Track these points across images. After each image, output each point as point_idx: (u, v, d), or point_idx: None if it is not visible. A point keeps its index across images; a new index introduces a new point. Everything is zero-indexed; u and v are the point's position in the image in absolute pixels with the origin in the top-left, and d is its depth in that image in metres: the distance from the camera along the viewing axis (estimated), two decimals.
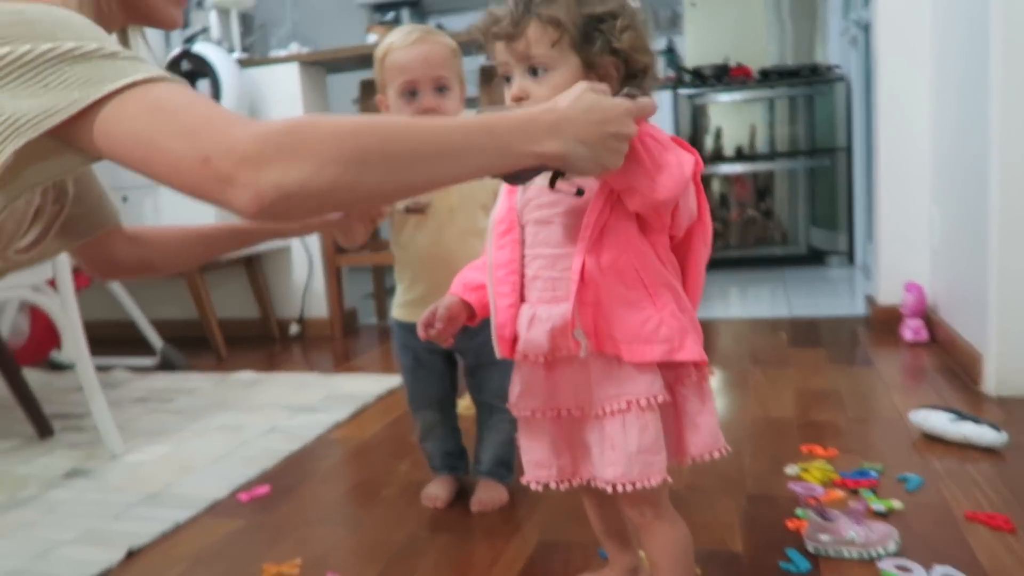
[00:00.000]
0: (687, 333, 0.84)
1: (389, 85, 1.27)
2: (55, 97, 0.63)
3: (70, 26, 0.66)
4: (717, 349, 2.45)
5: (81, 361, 1.80)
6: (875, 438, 1.61)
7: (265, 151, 0.60)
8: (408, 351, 1.41)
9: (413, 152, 0.66)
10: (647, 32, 0.87)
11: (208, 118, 0.62)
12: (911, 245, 2.47)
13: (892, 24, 2.41)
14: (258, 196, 0.60)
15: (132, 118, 0.63)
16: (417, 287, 1.36)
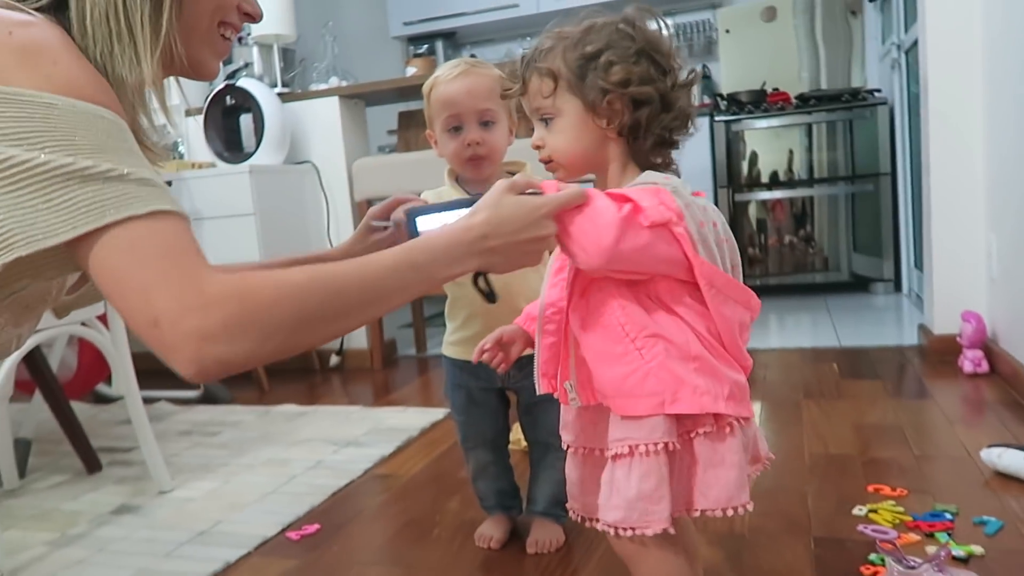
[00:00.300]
0: (682, 385, 0.81)
1: (436, 120, 1.26)
2: (54, 217, 0.65)
3: (91, 130, 0.67)
4: (765, 380, 2.39)
5: (131, 396, 1.80)
6: (945, 477, 1.54)
7: (211, 328, 0.65)
8: (461, 389, 1.37)
9: (348, 306, 0.72)
10: (662, 57, 0.85)
11: (168, 275, 0.65)
12: (967, 273, 2.40)
13: (941, 45, 2.37)
14: (201, 369, 0.66)
15: (109, 256, 0.66)
16: (473, 324, 1.31)
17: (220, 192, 2.77)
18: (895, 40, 3.52)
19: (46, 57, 0.69)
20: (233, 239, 2.74)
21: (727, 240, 0.88)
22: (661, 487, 0.81)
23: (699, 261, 0.81)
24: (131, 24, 0.76)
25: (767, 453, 0.93)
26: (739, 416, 0.82)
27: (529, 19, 4.58)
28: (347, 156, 3.08)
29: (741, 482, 0.82)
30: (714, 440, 0.82)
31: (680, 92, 0.86)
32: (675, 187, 0.83)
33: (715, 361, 0.83)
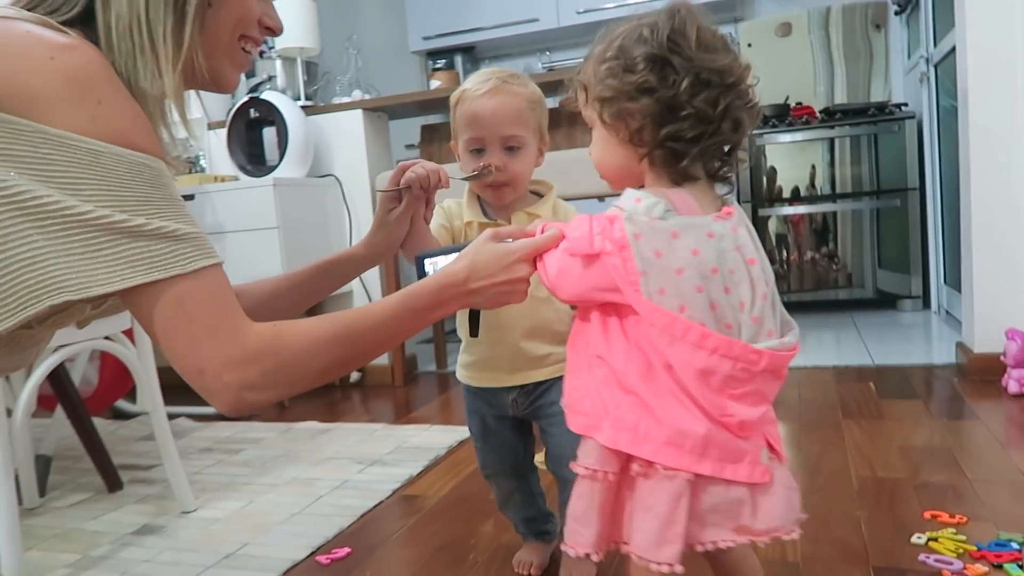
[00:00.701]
0: (606, 415, 0.77)
1: (459, 134, 1.18)
2: (105, 269, 0.69)
3: (136, 180, 0.70)
4: (800, 399, 2.32)
5: (156, 412, 1.76)
6: (1004, 503, 1.47)
7: (250, 380, 0.74)
8: (476, 416, 1.30)
9: (363, 352, 0.83)
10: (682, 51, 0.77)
11: (212, 329, 0.73)
12: (1008, 290, 2.33)
13: (981, 57, 2.31)
14: (236, 409, 0.76)
15: (157, 306, 0.72)
16: (474, 350, 1.24)
17: (243, 205, 2.73)
18: (923, 53, 3.47)
19: (91, 95, 0.70)
20: (257, 252, 2.71)
21: (730, 271, 0.78)
22: (590, 512, 0.79)
23: (633, 296, 0.76)
24: (154, 37, 0.77)
25: (775, 528, 0.79)
26: (669, 465, 0.75)
27: (548, 33, 4.56)
28: (370, 169, 3.05)
29: (662, 538, 0.75)
30: (646, 480, 0.77)
31: (697, 93, 0.76)
32: (632, 212, 0.78)
33: (664, 400, 0.76)
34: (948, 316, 3.38)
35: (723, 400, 0.76)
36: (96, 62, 0.72)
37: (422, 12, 4.70)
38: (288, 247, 2.72)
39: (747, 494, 0.77)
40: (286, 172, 2.85)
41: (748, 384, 0.77)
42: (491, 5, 4.54)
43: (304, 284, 1.12)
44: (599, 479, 0.78)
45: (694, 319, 0.76)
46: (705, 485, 0.77)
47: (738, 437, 0.77)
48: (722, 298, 0.77)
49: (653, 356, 0.77)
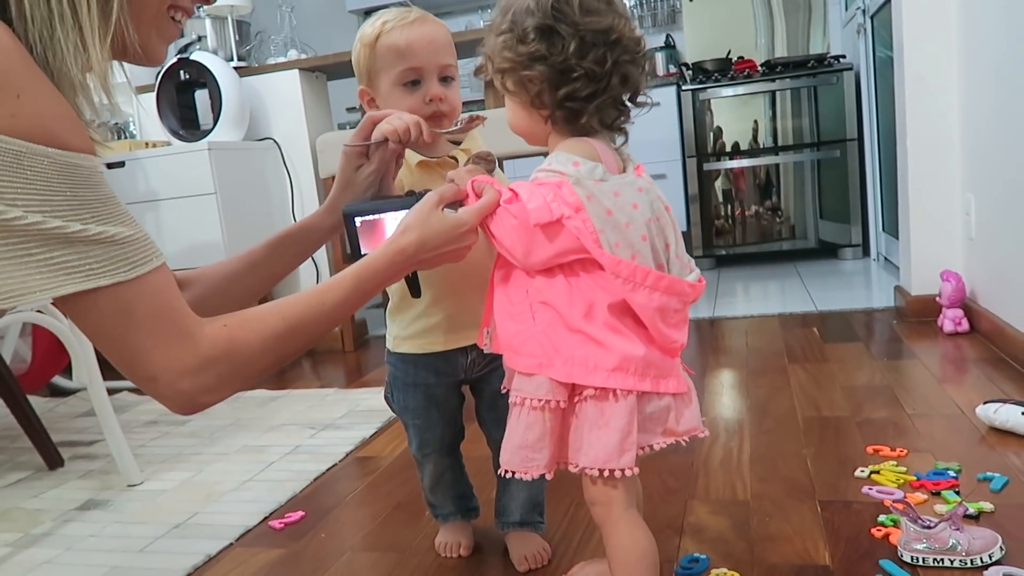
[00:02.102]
0: (556, 354, 0.85)
1: (382, 72, 1.06)
2: (37, 275, 0.64)
3: (66, 182, 0.65)
4: (748, 347, 2.37)
5: (94, 386, 1.69)
6: (942, 435, 1.52)
7: (205, 384, 0.72)
8: (417, 388, 1.17)
9: (314, 337, 0.83)
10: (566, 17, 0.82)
11: (163, 336, 0.70)
12: (944, 233, 2.40)
13: (916, 5, 2.34)
14: (191, 411, 0.74)
15: (101, 315, 0.68)
16: (436, 311, 1.11)
17: (178, 171, 2.63)
18: (860, 5, 3.50)
19: (8, 88, 0.62)
20: (194, 219, 2.62)
21: (656, 218, 0.88)
22: (543, 439, 0.86)
23: (599, 253, 0.83)
24: (76, 5, 0.69)
25: (691, 428, 0.91)
26: (620, 388, 0.84)
27: None
28: (310, 132, 2.96)
29: (622, 447, 0.84)
30: (600, 402, 0.85)
31: (585, 55, 0.82)
32: (578, 176, 0.84)
33: (605, 333, 0.84)
34: (887, 262, 3.47)
35: (670, 331, 0.87)
36: (9, 48, 0.64)
37: None
38: (227, 213, 2.64)
39: (672, 402, 0.89)
40: (221, 136, 2.75)
41: (682, 313, 0.89)
42: None
43: (262, 263, 1.03)
44: (551, 408, 0.86)
45: (642, 264, 0.85)
46: (642, 398, 0.87)
47: (672, 357, 0.89)
48: (657, 242, 0.88)
49: (596, 298, 0.85)
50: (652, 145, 3.89)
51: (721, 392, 1.98)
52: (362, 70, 1.10)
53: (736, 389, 1.98)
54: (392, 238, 0.88)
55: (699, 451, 1.56)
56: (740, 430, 1.67)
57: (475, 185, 0.91)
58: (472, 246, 0.92)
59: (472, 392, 1.23)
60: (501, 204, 0.88)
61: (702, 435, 0.92)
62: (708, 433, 0.94)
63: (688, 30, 4.37)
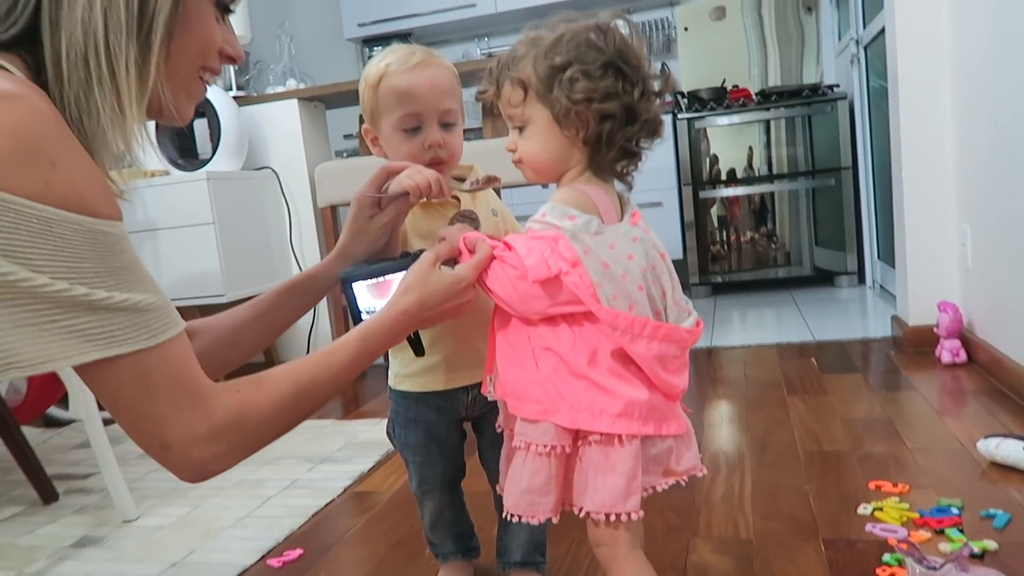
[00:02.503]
0: (562, 400, 0.85)
1: (384, 115, 1.07)
2: (60, 342, 0.64)
3: (94, 250, 0.65)
4: (746, 378, 2.36)
5: (90, 419, 1.68)
6: (943, 470, 1.52)
7: (216, 453, 0.73)
8: (418, 426, 1.16)
9: (322, 401, 0.83)
10: (630, 69, 0.84)
11: (178, 404, 0.70)
12: (941, 264, 2.42)
13: (909, 36, 2.37)
14: (203, 477, 0.74)
15: (119, 382, 0.68)
16: (436, 350, 1.10)
17: (176, 201, 2.64)
18: (853, 35, 3.55)
19: (44, 156, 0.62)
20: (192, 249, 2.62)
21: (652, 266, 0.89)
22: (549, 483, 0.87)
23: (597, 307, 0.84)
24: (114, 68, 0.69)
25: (691, 468, 0.92)
26: (625, 433, 0.85)
27: (486, 19, 4.52)
28: (308, 161, 2.98)
29: (628, 491, 0.85)
30: (605, 447, 0.86)
31: (647, 103, 0.86)
32: (574, 230, 0.85)
33: (610, 380, 0.85)
34: (883, 291, 3.49)
35: (670, 377, 0.88)
36: (46, 115, 0.64)
37: None
38: (225, 243, 2.64)
39: (674, 443, 0.90)
40: (220, 165, 2.76)
41: (681, 359, 0.90)
42: None
43: (269, 312, 1.03)
44: (556, 454, 0.87)
45: (640, 314, 0.86)
46: (646, 441, 0.88)
47: (674, 401, 0.90)
48: (653, 290, 0.88)
49: (600, 345, 0.86)
50: (648, 173, 3.88)
51: (721, 425, 1.98)
52: (366, 110, 1.10)
53: (735, 422, 1.98)
54: (394, 299, 0.89)
55: (700, 487, 1.55)
56: (741, 464, 1.66)
57: (467, 241, 0.92)
58: (472, 301, 0.93)
59: (473, 429, 1.23)
60: (496, 257, 0.89)
61: (700, 474, 0.92)
62: (706, 471, 0.94)
63: (683, 59, 4.42)
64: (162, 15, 0.72)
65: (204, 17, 0.77)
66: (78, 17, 0.68)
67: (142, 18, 0.71)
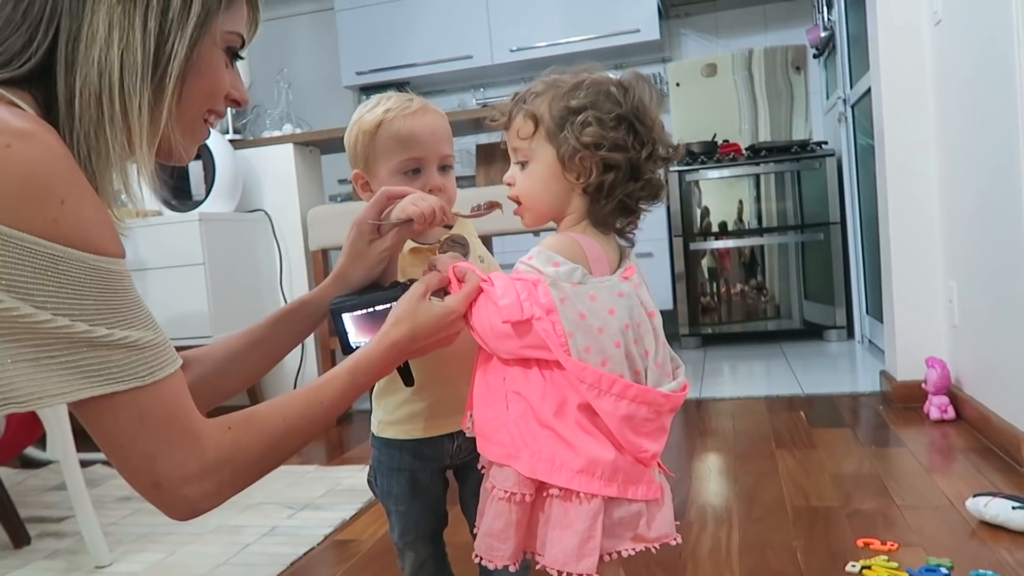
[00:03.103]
0: (524, 447, 0.84)
1: (382, 159, 1.06)
2: (58, 379, 0.65)
3: (97, 287, 0.66)
4: (735, 431, 2.35)
5: (67, 461, 1.65)
6: (933, 528, 1.50)
7: (207, 491, 0.73)
8: (402, 474, 1.12)
9: (313, 434, 0.84)
10: (643, 128, 0.84)
11: (171, 441, 0.70)
12: (928, 320, 2.43)
13: (894, 97, 2.43)
14: (192, 516, 0.74)
15: (114, 419, 0.68)
16: (422, 397, 1.08)
17: (167, 241, 2.64)
18: (841, 94, 3.63)
19: (53, 195, 0.63)
20: (181, 290, 2.61)
21: (637, 324, 0.86)
22: (508, 530, 0.85)
23: (564, 358, 0.83)
24: (127, 110, 0.71)
25: (663, 535, 0.87)
26: (584, 491, 0.83)
27: (482, 70, 4.61)
28: (301, 205, 2.99)
29: (581, 552, 0.82)
30: (564, 502, 0.83)
31: (652, 164, 0.86)
32: (555, 277, 0.84)
33: (574, 433, 0.83)
34: (871, 345, 3.49)
35: (640, 440, 0.84)
36: (57, 153, 0.65)
37: (355, 46, 4.69)
38: (214, 284, 2.64)
39: (644, 508, 0.86)
40: (213, 207, 2.77)
41: (656, 422, 0.85)
42: (425, 41, 4.57)
43: (264, 340, 1.01)
44: (516, 501, 0.85)
45: (613, 371, 0.83)
46: (612, 503, 0.84)
47: (645, 467, 0.85)
48: (633, 349, 0.85)
49: (569, 396, 0.84)
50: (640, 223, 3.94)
51: (709, 478, 1.96)
52: (358, 155, 1.10)
53: (724, 475, 1.96)
54: (383, 331, 0.88)
55: (688, 541, 1.53)
56: (728, 519, 1.64)
57: (456, 271, 0.91)
58: (461, 331, 0.92)
59: (456, 477, 1.20)
60: (483, 290, 0.88)
61: (674, 543, 0.88)
62: (680, 540, 0.89)
63: (675, 113, 4.50)
64: (177, 60, 0.73)
65: (215, 63, 0.79)
66: (94, 58, 0.70)
67: (157, 62, 0.72)
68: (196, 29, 0.75)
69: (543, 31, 4.39)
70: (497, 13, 4.46)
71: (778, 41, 4.40)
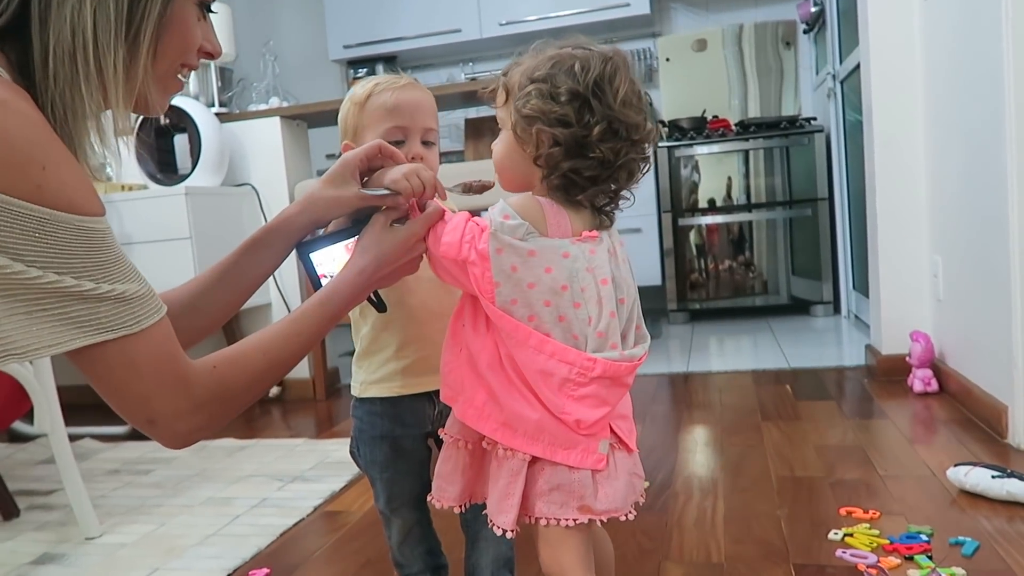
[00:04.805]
0: (462, 391, 0.88)
1: (369, 128, 1.09)
2: (51, 329, 0.68)
3: (83, 245, 0.68)
4: (722, 403, 2.37)
5: (55, 434, 1.65)
6: (914, 497, 1.53)
7: (198, 423, 0.78)
8: (384, 442, 1.13)
9: (291, 365, 0.87)
10: (600, 106, 0.82)
11: (162, 383, 0.75)
12: (913, 294, 2.45)
13: (883, 71, 2.43)
14: (186, 445, 0.80)
15: (107, 365, 0.72)
16: (409, 350, 1.10)
17: (154, 215, 2.61)
18: (830, 70, 3.62)
19: (34, 161, 0.66)
20: (168, 264, 2.59)
21: (581, 289, 0.84)
22: (454, 473, 0.92)
23: (487, 304, 0.85)
24: (102, 66, 0.72)
25: (612, 509, 0.85)
26: (503, 444, 0.85)
27: (471, 44, 4.57)
28: (289, 179, 2.97)
29: (501, 506, 0.85)
30: (494, 456, 0.87)
31: (607, 144, 0.82)
32: (498, 229, 0.84)
33: (501, 387, 0.85)
34: (857, 320, 3.52)
35: (562, 400, 0.83)
36: (33, 121, 0.67)
37: (343, 20, 4.63)
38: (201, 258, 2.62)
39: (589, 477, 0.84)
40: (199, 181, 2.74)
41: (586, 387, 0.84)
42: (413, 15, 4.51)
43: (233, 271, 0.98)
44: (460, 447, 0.90)
45: (540, 329, 0.84)
46: (547, 466, 0.84)
47: (576, 433, 0.84)
48: (570, 312, 0.84)
49: (502, 350, 0.86)
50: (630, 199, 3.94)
51: (695, 450, 1.98)
52: (348, 126, 1.12)
53: (710, 447, 1.98)
54: (351, 261, 0.92)
55: (673, 510, 1.55)
56: (714, 489, 1.66)
57: (417, 201, 0.94)
58: (422, 256, 0.95)
59: (436, 445, 1.21)
60: (442, 216, 0.92)
61: (623, 518, 0.86)
62: (635, 515, 0.87)
63: (664, 89, 4.49)
64: (151, 17, 0.74)
65: (188, 17, 0.79)
66: (67, 15, 0.70)
67: (131, 19, 0.73)
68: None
69: (533, 5, 4.35)
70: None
71: (768, 16, 4.38)
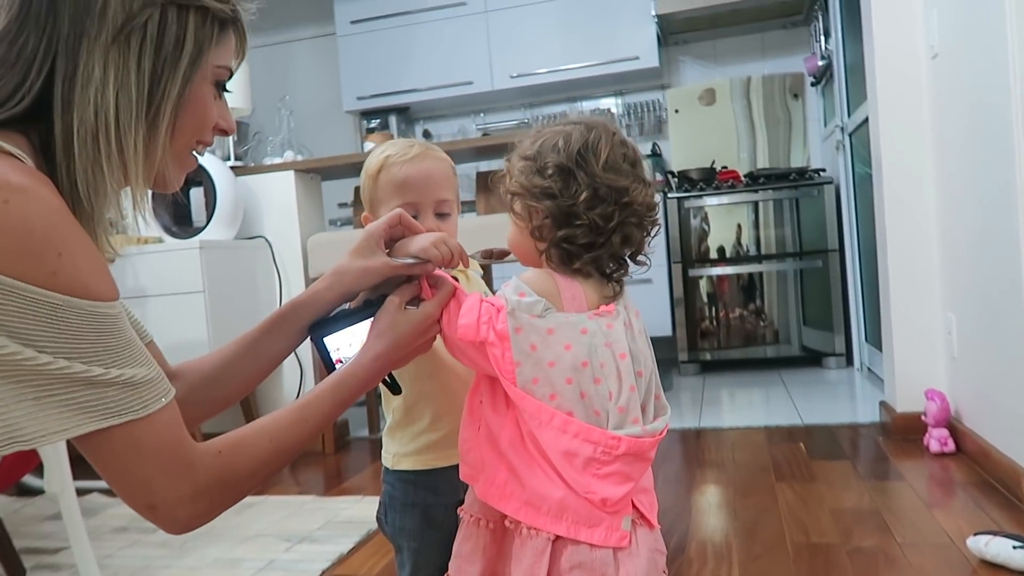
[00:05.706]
0: (482, 471, 0.87)
1: (383, 203, 1.09)
2: (58, 416, 0.67)
3: (94, 330, 0.69)
4: (735, 462, 2.34)
5: (65, 495, 1.64)
6: (933, 567, 1.50)
7: (199, 511, 0.77)
8: (415, 510, 1.11)
9: (299, 451, 0.86)
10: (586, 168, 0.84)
11: (165, 469, 0.74)
12: (927, 351, 2.43)
13: (892, 127, 2.45)
14: (186, 531, 0.78)
15: (112, 450, 0.72)
16: (443, 422, 1.08)
17: (168, 269, 2.64)
18: (838, 123, 3.65)
19: (51, 248, 0.67)
20: (180, 317, 2.61)
21: (601, 364, 0.84)
22: (475, 554, 0.88)
23: (508, 385, 0.84)
24: (123, 146, 0.74)
25: None
26: (527, 524, 0.84)
27: (483, 96, 4.64)
28: (302, 231, 3.00)
29: None
30: (517, 535, 0.85)
31: (595, 211, 0.84)
32: (516, 307, 0.85)
33: (524, 465, 0.84)
34: (870, 373, 3.49)
35: (587, 479, 0.82)
36: (53, 207, 0.68)
37: (356, 72, 4.72)
38: (214, 312, 2.64)
39: (611, 555, 0.82)
40: (214, 234, 2.77)
41: (611, 466, 0.83)
42: (426, 67, 4.60)
43: (256, 346, 0.97)
44: (482, 526, 0.88)
45: (563, 407, 0.83)
46: (568, 544, 0.82)
47: (601, 511, 0.83)
48: (591, 388, 0.84)
49: (523, 428, 0.85)
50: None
51: (708, 511, 1.95)
52: (366, 198, 1.14)
53: (723, 509, 1.95)
54: (367, 345, 0.91)
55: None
56: (729, 555, 1.63)
57: (430, 279, 0.94)
58: (436, 336, 0.95)
59: None
60: (455, 295, 0.92)
61: None
62: None
63: (674, 139, 4.53)
64: (170, 98, 0.76)
65: (205, 96, 0.81)
66: (90, 98, 0.72)
67: (151, 100, 0.75)
68: (189, 67, 0.77)
69: (543, 58, 4.43)
70: (498, 39, 4.50)
71: (776, 69, 4.44)
